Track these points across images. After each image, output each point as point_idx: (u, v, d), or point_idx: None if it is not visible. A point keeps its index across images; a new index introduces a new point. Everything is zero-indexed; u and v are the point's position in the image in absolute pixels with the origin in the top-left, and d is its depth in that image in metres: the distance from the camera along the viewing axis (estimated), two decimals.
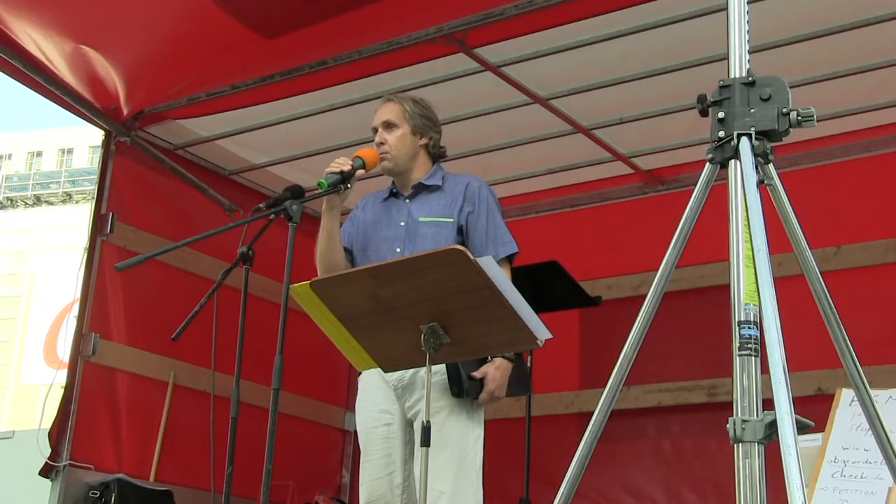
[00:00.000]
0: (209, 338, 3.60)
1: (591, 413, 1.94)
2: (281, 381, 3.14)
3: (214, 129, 5.72)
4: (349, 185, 3.60)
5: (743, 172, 1.91)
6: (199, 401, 5.31)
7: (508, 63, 4.98)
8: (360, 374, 3.69)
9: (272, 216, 3.43)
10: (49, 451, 5.01)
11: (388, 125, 3.80)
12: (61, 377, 5.25)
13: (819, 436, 3.87)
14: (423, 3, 4.53)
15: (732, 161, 1.95)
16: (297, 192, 3.45)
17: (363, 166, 3.63)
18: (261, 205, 3.47)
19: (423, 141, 3.83)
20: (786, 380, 1.69)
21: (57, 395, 5.14)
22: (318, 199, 3.67)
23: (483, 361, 3.57)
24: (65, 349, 5.36)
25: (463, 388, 3.51)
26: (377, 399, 3.67)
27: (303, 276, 3.10)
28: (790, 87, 1.98)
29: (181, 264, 5.56)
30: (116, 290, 5.39)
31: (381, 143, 3.77)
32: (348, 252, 3.81)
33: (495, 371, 3.56)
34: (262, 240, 3.53)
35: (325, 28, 4.66)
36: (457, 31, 4.67)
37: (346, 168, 3.58)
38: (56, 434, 5.04)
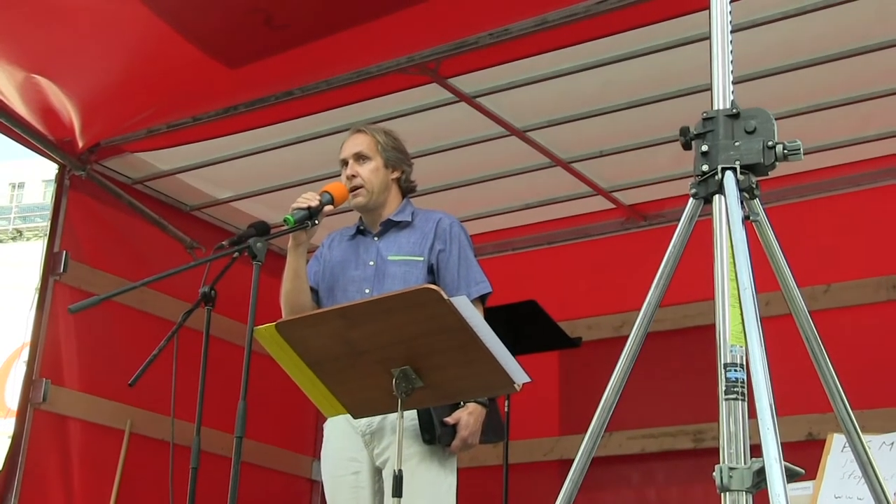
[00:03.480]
0: (168, 383, 3.57)
1: (572, 460, 1.94)
2: (244, 429, 3.12)
3: (175, 162, 5.71)
4: (317, 222, 3.60)
5: (728, 208, 1.93)
6: (157, 450, 5.25)
7: (483, 93, 5.00)
8: (326, 420, 3.68)
9: (236, 254, 3.42)
10: None
11: (360, 157, 3.80)
12: (9, 426, 5.19)
13: (810, 484, 3.87)
14: (395, 31, 4.55)
15: (717, 196, 1.97)
16: (261, 229, 3.44)
17: (331, 202, 3.63)
18: (224, 242, 3.46)
19: (395, 175, 3.85)
20: (774, 425, 1.69)
21: (4, 445, 5.08)
22: (283, 237, 3.67)
23: (456, 407, 3.56)
24: (13, 396, 5.30)
25: (435, 435, 3.50)
26: (344, 446, 3.66)
27: (268, 317, 3.09)
28: (776, 119, 2.01)
29: (139, 305, 5.52)
30: (69, 333, 5.34)
31: (353, 176, 3.77)
32: (314, 292, 3.80)
33: (468, 417, 3.55)
34: (225, 279, 3.51)
35: (291, 57, 4.67)
36: (429, 61, 4.69)
37: (314, 203, 3.58)
38: (2, 488, 4.97)
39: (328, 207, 3.63)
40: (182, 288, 5.00)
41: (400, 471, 3.00)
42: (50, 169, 5.67)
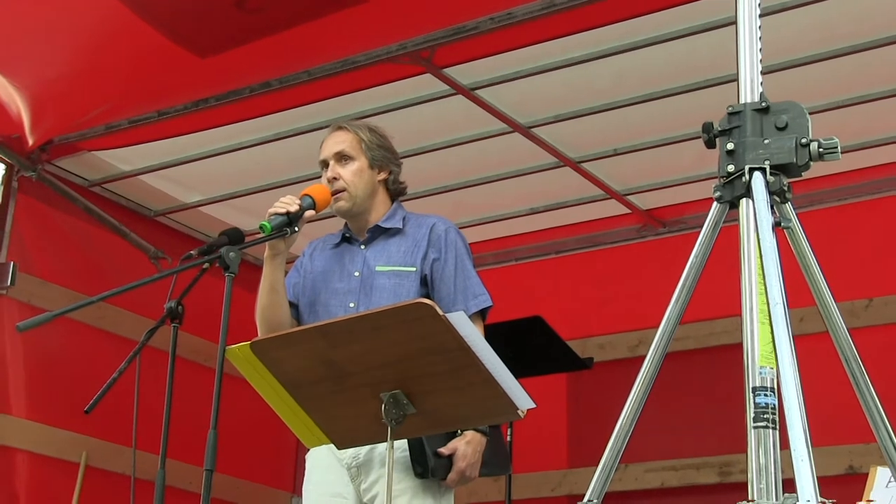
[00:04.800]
0: (129, 410, 3.56)
1: (582, 496, 1.94)
2: (215, 461, 3.11)
3: (137, 162, 5.71)
4: (296, 229, 3.60)
5: (756, 213, 1.93)
6: (116, 485, 5.25)
7: (483, 85, 5.01)
8: (307, 451, 3.67)
9: (206, 265, 3.41)
10: None
11: (342, 157, 3.80)
12: None
13: None
14: (384, 15, 4.55)
15: (744, 200, 1.97)
16: (234, 237, 3.44)
17: (313, 206, 3.63)
18: (192, 251, 3.45)
19: (382, 176, 3.84)
20: (809, 456, 1.69)
21: None
22: (259, 245, 3.67)
23: (452, 435, 3.56)
24: None
25: (428, 467, 3.50)
26: (328, 480, 3.65)
27: (242, 335, 3.09)
28: (810, 114, 2.01)
29: (97, 322, 5.52)
30: (17, 354, 5.33)
31: (335, 179, 3.77)
32: (294, 307, 3.80)
33: (466, 446, 3.55)
34: (193, 293, 3.51)
35: (268, 44, 4.68)
36: (423, 49, 4.70)
37: (293, 208, 3.58)
38: None
39: (309, 213, 3.62)
40: (145, 303, 4.99)
41: None
42: None
